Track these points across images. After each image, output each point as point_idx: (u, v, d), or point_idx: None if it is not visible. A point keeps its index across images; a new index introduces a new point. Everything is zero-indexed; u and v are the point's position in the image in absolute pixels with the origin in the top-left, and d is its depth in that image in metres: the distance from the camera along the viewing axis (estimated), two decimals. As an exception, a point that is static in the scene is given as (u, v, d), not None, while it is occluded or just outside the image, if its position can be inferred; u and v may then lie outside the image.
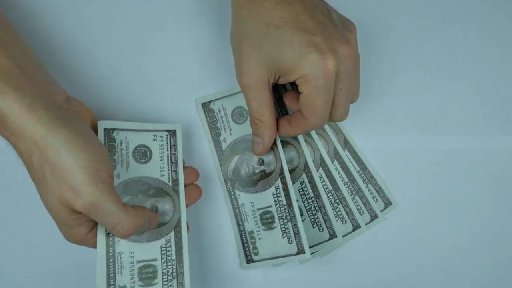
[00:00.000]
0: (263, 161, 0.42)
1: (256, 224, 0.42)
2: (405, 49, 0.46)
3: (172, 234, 0.38)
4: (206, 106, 0.43)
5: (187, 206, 0.39)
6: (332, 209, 0.44)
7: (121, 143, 0.38)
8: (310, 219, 0.43)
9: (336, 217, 0.44)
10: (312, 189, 0.44)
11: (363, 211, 0.44)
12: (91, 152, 0.32)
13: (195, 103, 0.44)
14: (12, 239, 0.43)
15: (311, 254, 0.43)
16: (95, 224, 0.36)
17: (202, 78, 0.44)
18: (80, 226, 0.34)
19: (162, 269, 0.37)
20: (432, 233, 0.45)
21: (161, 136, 0.40)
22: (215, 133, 0.43)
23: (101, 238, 0.36)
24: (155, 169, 0.39)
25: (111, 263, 0.36)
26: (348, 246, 0.44)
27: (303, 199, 0.43)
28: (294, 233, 0.41)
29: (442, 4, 0.47)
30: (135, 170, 0.38)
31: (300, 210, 0.43)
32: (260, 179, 0.42)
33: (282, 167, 0.41)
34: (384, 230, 0.45)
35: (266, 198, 0.42)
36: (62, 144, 0.31)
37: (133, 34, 0.44)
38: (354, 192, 0.44)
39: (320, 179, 0.44)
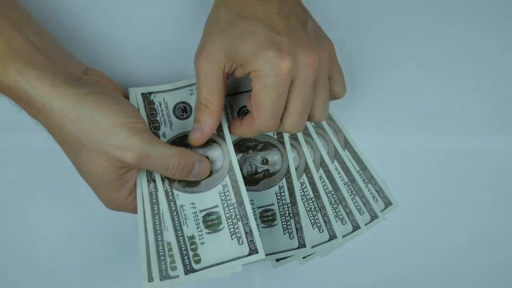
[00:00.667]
0: (267, 161, 0.42)
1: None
2: (404, 48, 0.46)
3: (227, 178, 0.39)
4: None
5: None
6: (332, 210, 0.44)
7: (160, 104, 0.40)
8: (310, 220, 0.43)
9: (336, 217, 0.44)
10: (312, 190, 0.44)
11: (363, 211, 0.44)
12: (122, 110, 0.34)
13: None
14: (15, 237, 0.43)
15: (311, 254, 0.43)
16: (134, 187, 0.37)
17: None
18: (122, 188, 0.36)
19: (225, 214, 0.38)
20: (432, 233, 0.45)
21: (196, 90, 0.40)
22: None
23: (161, 194, 0.37)
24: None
25: (175, 216, 0.37)
26: (348, 246, 0.44)
27: (303, 200, 0.43)
28: (296, 229, 0.41)
29: (442, 2, 0.46)
30: (179, 127, 0.40)
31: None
32: (262, 178, 0.42)
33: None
34: (384, 230, 0.45)
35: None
36: (93, 110, 0.33)
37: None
38: (354, 192, 0.44)
39: (320, 180, 0.44)
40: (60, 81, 0.33)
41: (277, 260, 0.43)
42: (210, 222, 0.38)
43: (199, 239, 0.37)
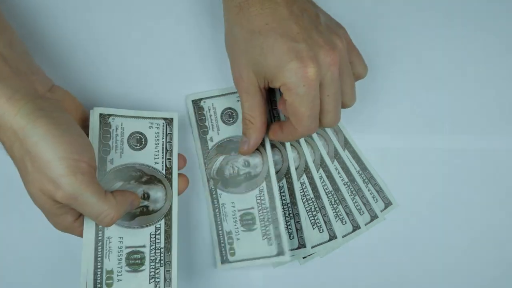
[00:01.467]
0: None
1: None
2: (405, 49, 0.46)
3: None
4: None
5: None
6: (332, 210, 0.44)
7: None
8: (310, 220, 0.43)
9: (336, 217, 0.44)
10: (312, 190, 0.44)
11: (363, 211, 0.44)
12: (70, 143, 0.32)
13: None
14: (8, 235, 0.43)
15: (310, 255, 0.43)
16: (81, 213, 0.36)
17: (196, 74, 0.44)
18: (66, 214, 0.35)
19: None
20: (432, 233, 0.45)
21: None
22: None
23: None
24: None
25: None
26: (348, 246, 0.44)
27: (303, 200, 0.43)
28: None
29: (442, 4, 0.46)
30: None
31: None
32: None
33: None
34: (384, 230, 0.45)
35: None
36: (40, 135, 0.31)
37: (128, 24, 0.44)
38: (354, 192, 0.44)
39: (320, 180, 0.44)
40: (18, 97, 0.31)
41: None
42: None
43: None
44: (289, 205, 0.43)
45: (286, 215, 0.43)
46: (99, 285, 0.36)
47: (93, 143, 0.38)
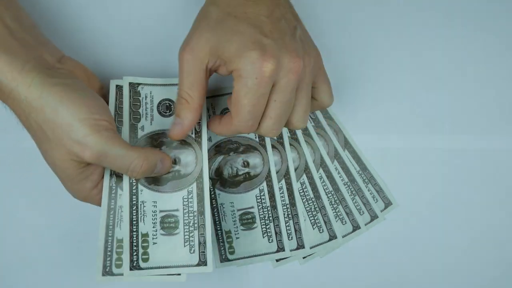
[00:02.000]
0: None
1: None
2: (405, 48, 0.46)
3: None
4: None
5: None
6: (332, 210, 0.44)
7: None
8: (310, 220, 0.43)
9: (336, 217, 0.44)
10: (312, 190, 0.44)
11: (363, 211, 0.44)
12: (87, 105, 0.33)
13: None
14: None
15: (310, 255, 0.43)
16: (100, 180, 0.37)
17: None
18: (86, 180, 0.35)
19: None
20: (432, 233, 0.45)
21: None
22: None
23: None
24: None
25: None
26: (348, 246, 0.44)
27: (303, 200, 0.43)
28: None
29: (442, 4, 0.46)
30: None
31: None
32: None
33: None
34: (384, 230, 0.45)
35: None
36: (57, 101, 0.32)
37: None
38: (354, 192, 0.44)
39: (320, 180, 0.44)
40: (29, 68, 0.32)
41: (277, 260, 0.43)
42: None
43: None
44: (288, 205, 0.43)
45: (285, 215, 0.43)
46: (135, 248, 0.36)
47: (124, 111, 0.39)
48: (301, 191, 0.43)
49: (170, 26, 0.44)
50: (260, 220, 0.42)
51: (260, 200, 0.42)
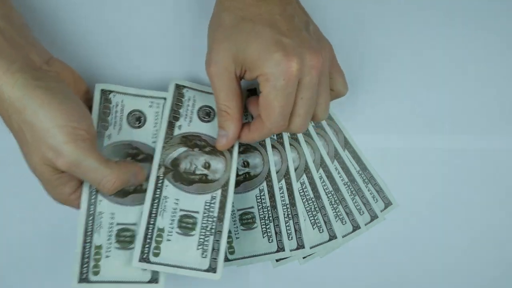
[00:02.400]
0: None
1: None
2: (405, 48, 0.46)
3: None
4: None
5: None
6: (332, 210, 0.44)
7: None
8: (310, 220, 0.43)
9: (336, 217, 0.44)
10: (312, 190, 0.44)
11: (363, 211, 0.44)
12: (68, 111, 0.33)
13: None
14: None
15: (311, 255, 0.43)
16: (79, 185, 0.36)
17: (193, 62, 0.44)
18: (64, 185, 0.35)
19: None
20: (432, 233, 0.45)
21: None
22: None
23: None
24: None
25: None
26: (348, 246, 0.44)
27: (303, 200, 0.43)
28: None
29: (443, 3, 0.46)
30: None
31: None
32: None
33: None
34: (384, 230, 0.45)
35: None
36: (38, 105, 0.32)
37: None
38: (354, 192, 0.45)
39: (320, 180, 0.44)
40: (15, 69, 0.32)
41: (277, 260, 0.43)
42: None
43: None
44: (288, 205, 0.43)
45: (285, 215, 0.43)
46: (148, 240, 0.37)
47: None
48: (301, 191, 0.44)
49: (162, 33, 0.44)
50: (260, 220, 0.42)
51: (260, 200, 0.42)
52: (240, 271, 0.44)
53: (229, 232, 0.41)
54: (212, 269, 0.37)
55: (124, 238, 0.37)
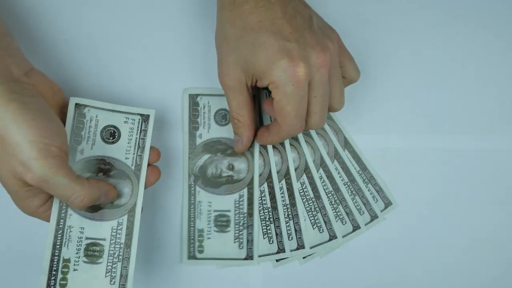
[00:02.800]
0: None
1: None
2: (405, 48, 0.46)
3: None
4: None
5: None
6: (332, 210, 0.44)
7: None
8: (310, 220, 0.43)
9: (336, 217, 0.44)
10: (312, 190, 0.44)
11: (363, 211, 0.44)
12: (40, 127, 0.32)
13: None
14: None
15: (311, 255, 0.43)
16: (48, 198, 0.36)
17: (189, 70, 0.44)
18: (33, 198, 0.35)
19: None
20: (432, 233, 0.45)
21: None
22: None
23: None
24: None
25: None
26: (348, 246, 0.44)
27: (304, 200, 0.43)
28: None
29: (443, 2, 0.46)
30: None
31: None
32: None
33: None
34: (384, 230, 0.45)
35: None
36: (10, 119, 0.32)
37: (122, 18, 0.44)
38: (354, 192, 0.44)
39: (320, 180, 0.44)
40: None
41: (277, 261, 0.43)
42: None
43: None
44: (288, 206, 0.43)
45: (285, 216, 0.43)
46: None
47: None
48: (301, 191, 0.44)
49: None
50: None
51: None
52: (240, 271, 0.44)
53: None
54: (249, 257, 0.42)
55: (93, 252, 0.37)
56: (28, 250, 0.43)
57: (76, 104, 0.39)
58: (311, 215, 0.43)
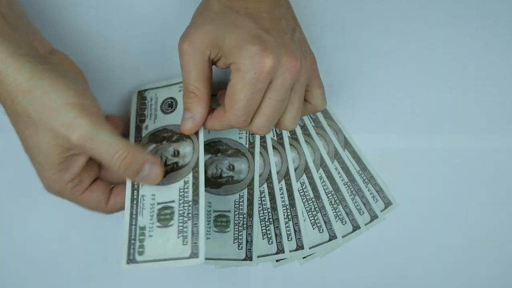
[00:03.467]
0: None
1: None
2: (405, 48, 0.46)
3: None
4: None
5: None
6: (332, 210, 0.44)
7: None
8: (310, 220, 0.43)
9: (336, 217, 0.44)
10: (312, 190, 0.44)
11: (363, 211, 0.44)
12: (78, 91, 0.33)
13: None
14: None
15: (311, 255, 0.43)
16: (78, 173, 0.35)
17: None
18: (65, 171, 0.34)
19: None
20: (432, 233, 0.45)
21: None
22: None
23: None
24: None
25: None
26: (348, 246, 0.44)
27: (303, 200, 0.43)
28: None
29: (443, 3, 0.46)
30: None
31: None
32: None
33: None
34: (384, 230, 0.45)
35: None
36: (48, 85, 0.32)
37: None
38: (354, 192, 0.44)
39: (320, 180, 0.44)
40: (21, 53, 0.32)
41: (277, 261, 0.43)
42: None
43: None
44: (287, 206, 0.43)
45: (285, 216, 0.43)
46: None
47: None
48: (301, 191, 0.44)
49: (166, 31, 0.44)
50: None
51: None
52: (240, 271, 0.44)
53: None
54: (248, 257, 0.41)
55: (165, 216, 0.38)
56: (28, 250, 0.43)
57: (138, 91, 0.42)
58: (311, 215, 0.43)
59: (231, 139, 0.43)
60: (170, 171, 0.39)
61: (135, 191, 0.38)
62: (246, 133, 0.43)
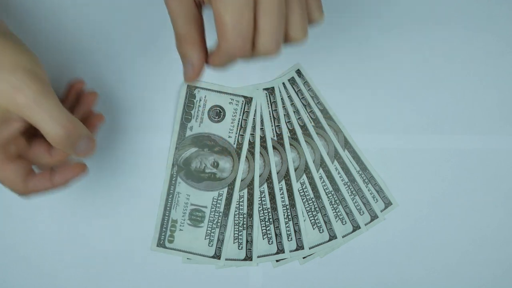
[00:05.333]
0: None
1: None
2: (405, 48, 0.46)
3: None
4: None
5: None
6: (332, 210, 0.44)
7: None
8: (310, 220, 0.43)
9: (336, 218, 0.44)
10: (312, 190, 0.44)
11: (363, 211, 0.44)
12: (32, 58, 0.33)
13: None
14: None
15: (311, 255, 0.43)
16: (6, 139, 0.34)
17: None
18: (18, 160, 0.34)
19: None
20: (432, 233, 0.45)
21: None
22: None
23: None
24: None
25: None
26: (348, 246, 0.44)
27: (303, 200, 0.43)
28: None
29: (443, 3, 0.46)
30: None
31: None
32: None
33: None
34: (384, 230, 0.45)
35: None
36: (7, 46, 0.32)
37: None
38: (354, 192, 0.44)
39: (320, 180, 0.44)
40: None
41: (277, 261, 0.43)
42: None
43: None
44: (287, 206, 0.43)
45: (285, 216, 0.43)
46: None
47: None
48: (301, 191, 0.44)
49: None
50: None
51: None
52: (240, 271, 0.44)
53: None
54: (248, 257, 0.43)
55: (196, 217, 0.43)
56: (28, 251, 0.43)
57: (188, 85, 0.43)
58: (311, 215, 0.43)
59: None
60: (207, 179, 0.43)
61: (172, 186, 0.43)
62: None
